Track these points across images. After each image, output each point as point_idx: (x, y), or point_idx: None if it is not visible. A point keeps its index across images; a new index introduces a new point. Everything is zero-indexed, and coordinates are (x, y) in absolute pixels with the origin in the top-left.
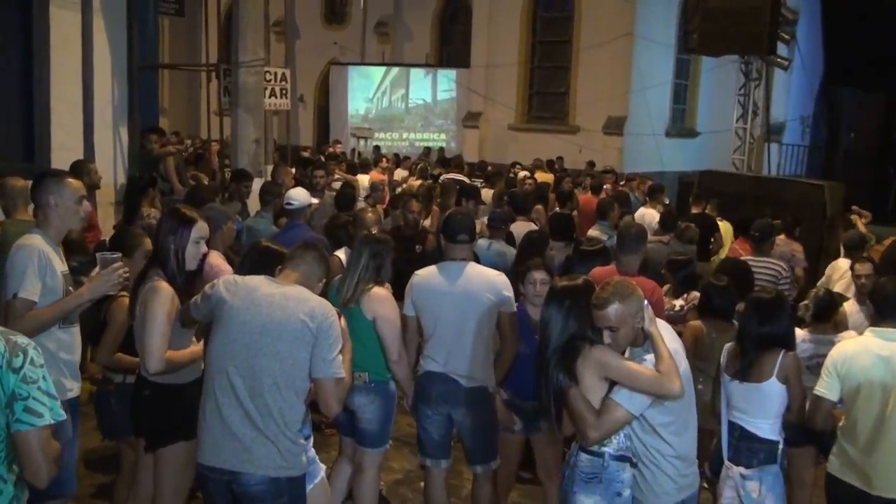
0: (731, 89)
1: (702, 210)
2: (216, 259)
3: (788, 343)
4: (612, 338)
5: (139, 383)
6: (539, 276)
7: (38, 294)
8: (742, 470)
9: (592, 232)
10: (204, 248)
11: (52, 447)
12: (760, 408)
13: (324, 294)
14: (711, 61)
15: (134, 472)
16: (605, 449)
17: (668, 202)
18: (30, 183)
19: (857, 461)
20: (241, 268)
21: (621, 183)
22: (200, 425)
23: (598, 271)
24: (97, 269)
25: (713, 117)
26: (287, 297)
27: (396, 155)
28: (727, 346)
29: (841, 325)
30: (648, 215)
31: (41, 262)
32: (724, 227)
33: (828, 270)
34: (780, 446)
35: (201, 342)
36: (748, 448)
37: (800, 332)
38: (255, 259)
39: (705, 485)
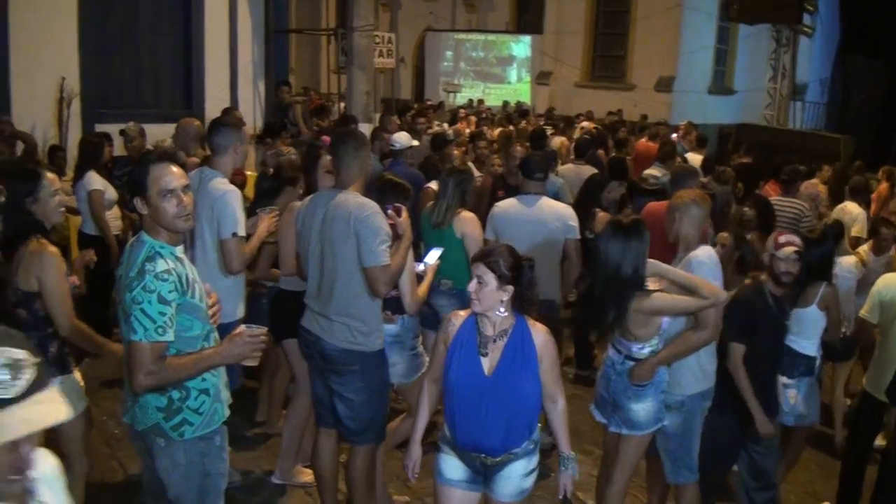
0: (763, 53)
1: (749, 160)
2: None
3: (827, 275)
4: (676, 224)
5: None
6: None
7: (244, 229)
8: (784, 379)
9: (650, 171)
10: None
11: None
12: (803, 329)
13: (415, 220)
14: (748, 29)
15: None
16: (651, 355)
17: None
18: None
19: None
20: (369, 196)
21: (675, 135)
22: (306, 303)
23: (653, 205)
24: (255, 219)
25: (747, 78)
26: (335, 206)
27: (470, 102)
28: None
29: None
30: (695, 160)
31: (240, 200)
32: None
33: (834, 213)
34: (818, 361)
35: None
36: (791, 362)
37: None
38: (380, 188)
39: None
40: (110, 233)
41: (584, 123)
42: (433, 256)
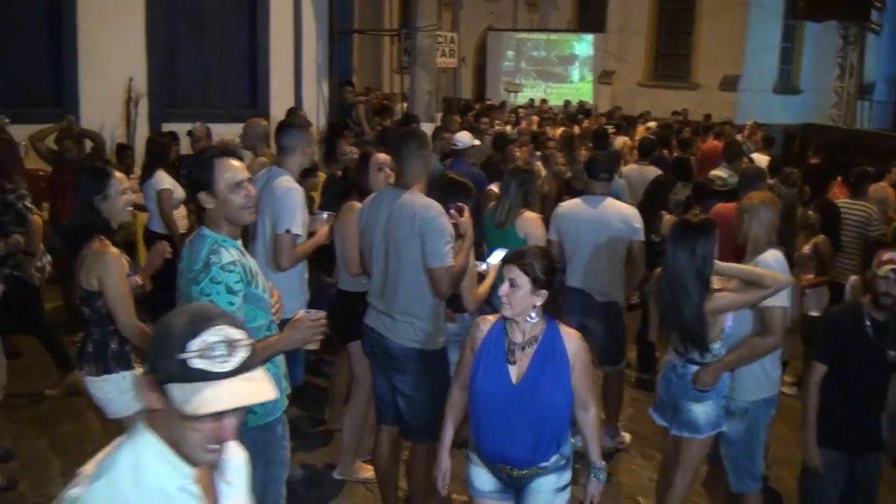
0: (830, 52)
1: (819, 161)
2: None
3: None
4: (745, 226)
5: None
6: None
7: (302, 228)
8: None
9: (716, 172)
10: None
11: None
12: None
13: (478, 220)
14: (814, 26)
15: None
16: (713, 359)
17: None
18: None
19: None
20: (431, 195)
21: (741, 135)
22: (369, 301)
23: (721, 207)
24: (314, 219)
25: (814, 76)
26: (400, 206)
27: (531, 102)
28: (851, 279)
29: None
30: (761, 161)
31: (303, 199)
32: None
33: None
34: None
35: None
36: None
37: None
38: (442, 187)
39: None
40: (178, 231)
41: (651, 123)
42: (497, 257)
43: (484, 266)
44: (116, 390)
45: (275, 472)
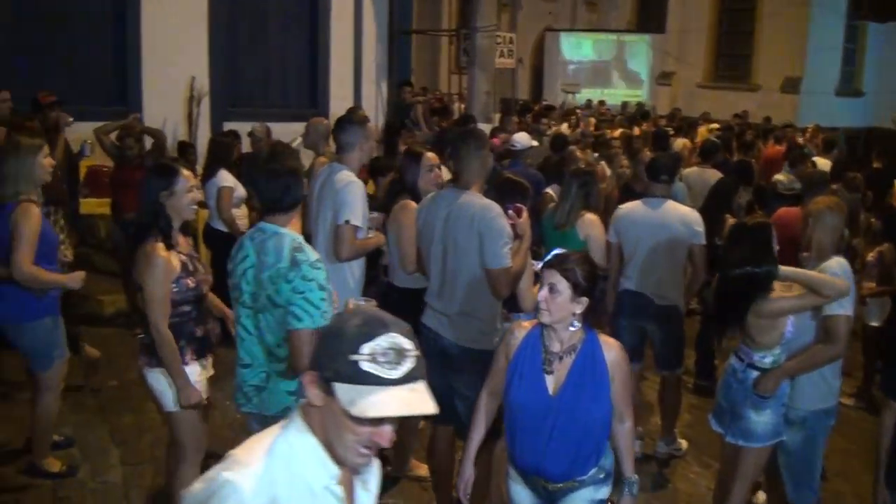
0: (893, 53)
1: (882, 165)
2: None
3: None
4: (810, 230)
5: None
6: None
7: (362, 221)
8: None
9: (779, 176)
10: None
11: None
12: None
13: (535, 221)
14: (877, 27)
15: None
16: (773, 365)
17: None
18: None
19: None
20: (487, 195)
21: (803, 139)
22: (427, 301)
23: (784, 211)
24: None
25: (877, 78)
26: (459, 206)
27: (589, 103)
28: None
29: None
30: (823, 165)
31: (363, 193)
32: None
33: None
34: None
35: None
36: None
37: None
38: (499, 187)
39: None
40: (239, 229)
41: (713, 125)
42: None
43: (540, 265)
44: (169, 383)
45: None
